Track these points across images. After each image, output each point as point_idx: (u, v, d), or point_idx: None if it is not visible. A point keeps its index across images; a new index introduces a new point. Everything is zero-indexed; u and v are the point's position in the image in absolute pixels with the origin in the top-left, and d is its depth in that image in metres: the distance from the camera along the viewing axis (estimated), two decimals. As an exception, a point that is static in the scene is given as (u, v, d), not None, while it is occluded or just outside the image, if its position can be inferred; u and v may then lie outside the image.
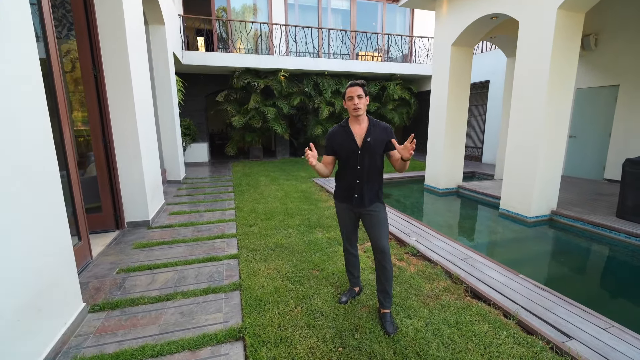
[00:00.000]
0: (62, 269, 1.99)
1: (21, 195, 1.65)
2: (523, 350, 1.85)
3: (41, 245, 1.80)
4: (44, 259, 1.81)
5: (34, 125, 1.80)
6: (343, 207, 2.19)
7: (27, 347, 1.62)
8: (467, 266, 2.92)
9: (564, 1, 3.91)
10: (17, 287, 1.58)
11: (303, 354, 1.81)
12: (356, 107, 1.97)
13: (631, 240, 3.74)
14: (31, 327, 1.66)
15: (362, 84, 1.98)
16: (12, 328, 1.51)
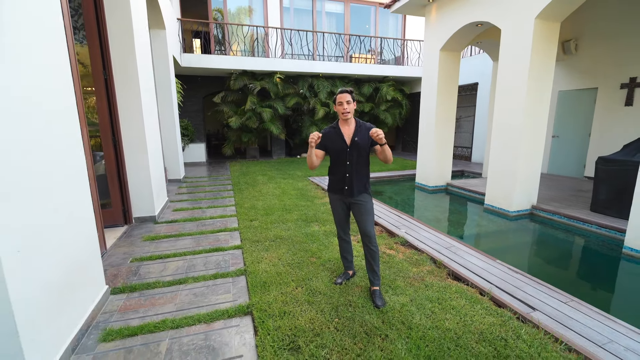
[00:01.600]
0: (89, 254, 2.24)
1: (60, 187, 1.91)
2: (493, 320, 2.16)
3: (74, 231, 2.05)
4: (76, 244, 2.07)
5: (67, 129, 2.05)
6: (335, 197, 2.48)
7: (66, 319, 1.87)
8: (451, 253, 3.23)
9: (541, 12, 4.25)
10: (59, 267, 1.83)
11: (304, 324, 2.09)
12: (345, 112, 2.28)
13: (601, 231, 4.09)
14: (69, 301, 1.92)
15: (350, 91, 2.29)
16: (53, 300, 1.76)
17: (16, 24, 1.59)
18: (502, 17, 4.79)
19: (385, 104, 11.33)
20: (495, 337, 1.98)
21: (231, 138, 10.67)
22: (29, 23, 1.71)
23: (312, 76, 10.76)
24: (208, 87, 11.00)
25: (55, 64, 1.96)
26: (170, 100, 6.80)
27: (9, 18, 1.54)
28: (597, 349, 1.90)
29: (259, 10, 10.86)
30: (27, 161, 1.60)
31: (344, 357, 1.81)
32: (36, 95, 1.73)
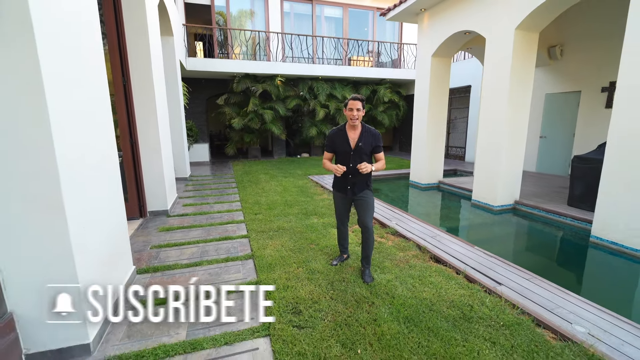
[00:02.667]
0: (122, 236, 2.64)
1: (105, 180, 2.31)
2: (464, 292, 2.56)
3: (113, 217, 2.45)
4: (114, 226, 2.47)
5: (109, 135, 2.45)
6: (339, 195, 2.81)
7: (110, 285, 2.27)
8: (435, 241, 3.63)
9: (520, 23, 4.65)
10: (105, 243, 2.23)
11: (304, 295, 2.49)
12: (354, 118, 2.56)
13: (574, 222, 4.49)
14: (111, 272, 2.32)
15: (362, 99, 2.56)
16: (103, 270, 2.15)
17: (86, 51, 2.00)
18: (487, 27, 5.20)
19: (382, 106, 11.74)
20: (463, 304, 2.37)
21: (234, 138, 11.08)
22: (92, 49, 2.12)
23: (312, 79, 11.16)
24: (211, 89, 11.40)
25: (101, 82, 2.36)
26: (177, 103, 7.20)
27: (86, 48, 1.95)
28: (545, 312, 2.29)
29: (261, 15, 11.27)
30: (90, 161, 2.01)
31: (337, 318, 2.21)
32: (93, 109, 2.14)
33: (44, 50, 1.62)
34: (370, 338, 2.00)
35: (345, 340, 1.98)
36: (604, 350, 1.93)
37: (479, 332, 2.06)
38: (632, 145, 3.48)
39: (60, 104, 1.75)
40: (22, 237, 1.68)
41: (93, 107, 2.21)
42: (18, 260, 1.70)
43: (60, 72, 1.78)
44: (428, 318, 2.20)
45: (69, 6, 1.95)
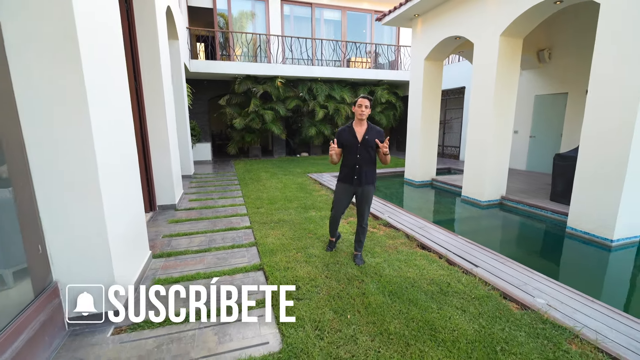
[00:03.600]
0: (141, 223, 2.98)
1: (129, 174, 2.65)
2: (443, 272, 2.89)
3: (134, 205, 2.79)
4: (134, 213, 2.80)
5: (131, 137, 2.78)
6: (344, 187, 3.06)
7: (131, 265, 2.60)
8: (422, 231, 3.97)
9: (504, 30, 4.99)
10: (129, 227, 2.57)
11: (303, 275, 2.82)
12: (362, 114, 2.88)
13: (554, 216, 4.83)
14: (133, 253, 2.65)
15: (370, 99, 2.88)
16: (127, 249, 2.49)
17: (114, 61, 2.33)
18: (474, 33, 5.54)
19: (380, 106, 12.08)
20: (441, 282, 2.71)
21: (235, 138, 11.41)
22: (118, 58, 2.45)
23: (311, 80, 11.50)
24: (214, 90, 11.74)
25: (125, 89, 2.70)
26: (182, 104, 7.53)
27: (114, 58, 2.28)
28: (513, 288, 2.63)
29: (261, 17, 11.62)
30: (118, 158, 2.34)
31: (330, 292, 2.54)
32: (121, 117, 2.48)
33: (86, 61, 1.96)
34: (359, 307, 2.34)
35: (337, 308, 2.32)
36: (558, 316, 2.26)
37: (452, 303, 2.40)
38: (601, 145, 3.82)
39: (98, 110, 2.08)
40: (67, 218, 2.02)
41: (119, 111, 2.54)
42: (63, 237, 2.03)
43: (97, 80, 2.11)
44: (410, 292, 2.54)
45: (99, 17, 2.28)
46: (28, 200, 1.91)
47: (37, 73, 1.84)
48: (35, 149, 1.91)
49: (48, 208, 1.98)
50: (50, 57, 1.85)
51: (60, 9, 1.83)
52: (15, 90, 1.82)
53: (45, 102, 1.88)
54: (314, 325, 2.12)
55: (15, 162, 1.84)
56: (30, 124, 1.87)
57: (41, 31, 1.82)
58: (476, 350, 1.90)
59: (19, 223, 1.85)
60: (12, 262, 1.85)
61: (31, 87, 1.85)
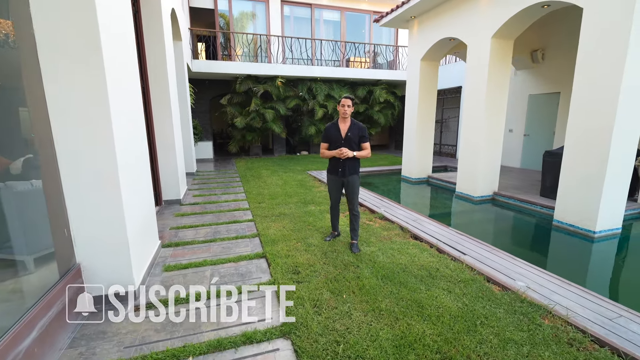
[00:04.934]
0: (151, 214, 3.19)
1: (142, 169, 2.86)
2: (433, 259, 3.11)
3: (146, 195, 3.00)
4: (147, 203, 3.02)
5: (143, 135, 3.00)
6: (333, 178, 3.37)
7: (144, 251, 2.82)
8: (416, 224, 4.18)
9: (496, 32, 5.21)
10: (142, 214, 2.79)
11: (302, 261, 3.04)
12: (345, 112, 3.17)
13: (542, 210, 5.05)
14: (146, 240, 2.87)
15: (352, 99, 3.18)
16: (142, 231, 2.70)
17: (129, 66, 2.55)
18: (467, 34, 5.75)
19: (378, 105, 12.29)
20: (431, 267, 2.93)
21: (236, 137, 11.63)
22: (132, 64, 2.67)
23: (311, 80, 11.71)
24: (215, 89, 11.95)
25: (138, 90, 2.91)
26: (185, 103, 7.74)
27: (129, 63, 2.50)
28: (497, 273, 2.85)
29: (262, 18, 11.82)
30: (132, 153, 2.56)
31: (328, 276, 2.76)
32: (135, 117, 2.69)
33: (108, 68, 2.17)
34: (354, 288, 2.56)
35: (334, 289, 2.54)
36: (536, 297, 2.48)
37: (439, 285, 2.62)
38: (584, 142, 4.04)
39: (117, 110, 2.30)
40: (90, 204, 2.23)
41: (134, 112, 2.75)
42: (85, 222, 2.25)
43: (116, 84, 2.32)
44: (401, 276, 2.76)
45: (117, 29, 2.50)
46: (56, 189, 2.12)
47: (66, 78, 2.06)
48: (63, 144, 2.12)
49: (73, 197, 2.19)
50: (78, 64, 2.07)
51: (86, 22, 2.04)
52: (47, 94, 2.04)
53: (72, 104, 2.10)
54: (313, 304, 2.34)
55: (45, 155, 2.05)
56: (58, 123, 2.09)
57: (69, 42, 2.03)
58: (458, 323, 2.12)
59: (47, 209, 2.07)
60: (41, 245, 2.06)
61: (60, 91, 2.06)
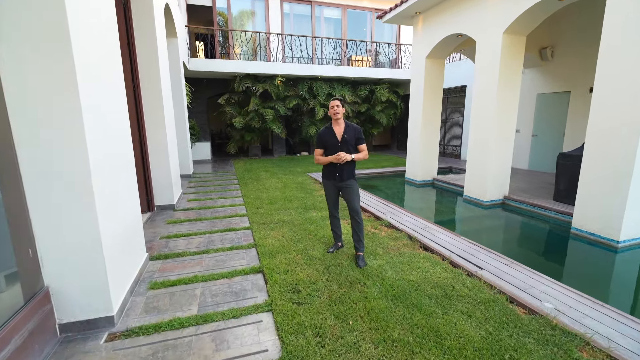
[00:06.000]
0: (137, 224, 2.90)
1: (125, 175, 2.57)
2: (447, 275, 2.82)
3: (130, 205, 2.71)
4: (131, 214, 2.73)
5: (124, 129, 2.71)
6: (329, 183, 3.13)
7: (127, 265, 2.53)
8: (425, 232, 3.89)
9: (507, 27, 4.91)
10: (124, 226, 2.49)
11: (303, 277, 2.75)
12: (336, 113, 2.96)
13: (558, 216, 4.76)
14: (130, 253, 2.58)
15: (339, 99, 2.97)
16: (122, 248, 2.41)
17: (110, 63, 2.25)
18: (477, 30, 5.45)
19: (380, 105, 11.99)
20: (446, 285, 2.64)
21: (235, 137, 11.33)
22: (114, 61, 2.37)
23: (311, 79, 11.41)
24: (213, 89, 11.65)
25: (121, 88, 2.62)
26: (181, 103, 7.45)
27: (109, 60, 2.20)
28: (519, 292, 2.56)
29: (261, 15, 11.52)
30: (113, 159, 2.26)
31: (331, 296, 2.47)
32: (116, 115, 2.39)
33: (78, 57, 1.88)
34: (361, 312, 2.26)
35: (339, 313, 2.25)
36: (566, 321, 2.19)
37: (457, 307, 2.33)
38: (607, 142, 3.74)
39: (90, 107, 2.01)
40: (59, 220, 1.94)
41: (114, 109, 2.46)
42: (55, 240, 1.96)
43: (89, 76, 2.03)
44: (413, 296, 2.46)
45: (92, 15, 2.21)
46: (17, 201, 1.83)
47: (27, 70, 1.77)
48: (25, 148, 1.83)
49: (39, 210, 1.90)
50: (41, 53, 1.77)
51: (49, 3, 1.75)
52: (4, 87, 1.74)
53: (36, 100, 1.81)
54: (315, 332, 2.05)
55: (3, 161, 1.76)
56: (19, 123, 1.80)
57: (32, 26, 1.74)
58: (484, 359, 1.83)
59: (8, 225, 1.78)
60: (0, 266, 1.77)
61: (21, 84, 1.77)
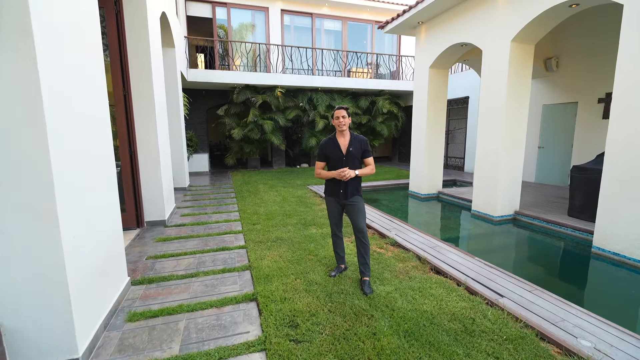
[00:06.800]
0: (117, 248, 2.60)
1: (102, 192, 2.29)
2: (465, 304, 2.50)
3: (109, 227, 2.42)
4: (109, 237, 2.43)
5: (108, 150, 2.44)
6: (332, 200, 2.85)
7: (100, 298, 2.21)
8: (435, 252, 3.58)
9: (516, 35, 4.73)
10: (98, 254, 2.19)
11: (302, 307, 2.43)
12: (341, 124, 2.69)
13: (575, 233, 4.45)
14: (103, 283, 2.26)
15: (346, 108, 2.72)
16: (93, 279, 2.11)
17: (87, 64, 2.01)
18: (483, 39, 5.28)
19: (381, 117, 11.82)
20: (465, 317, 2.32)
21: (233, 149, 11.10)
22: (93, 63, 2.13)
23: (312, 90, 11.28)
24: (212, 100, 11.50)
25: (101, 94, 2.37)
26: (178, 114, 7.24)
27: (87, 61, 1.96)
28: (550, 326, 2.24)
29: (261, 27, 11.48)
30: (87, 173, 1.99)
31: (335, 331, 2.15)
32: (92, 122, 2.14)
33: (45, 57, 1.63)
34: (370, 353, 1.94)
35: (343, 355, 1.92)
36: (611, 365, 1.87)
37: (481, 347, 2.00)
38: (630, 153, 3.48)
39: (58, 115, 1.74)
40: (13, 247, 1.65)
41: (90, 114, 2.20)
42: (8, 272, 1.66)
43: (59, 84, 1.78)
44: (429, 332, 2.14)
45: (70, 18, 1.97)
46: (-37, 226, 1.55)
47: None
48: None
49: (-11, 235, 1.61)
50: None
51: None
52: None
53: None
54: (316, 380, 1.73)
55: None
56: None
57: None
58: (521, 418, 1.50)
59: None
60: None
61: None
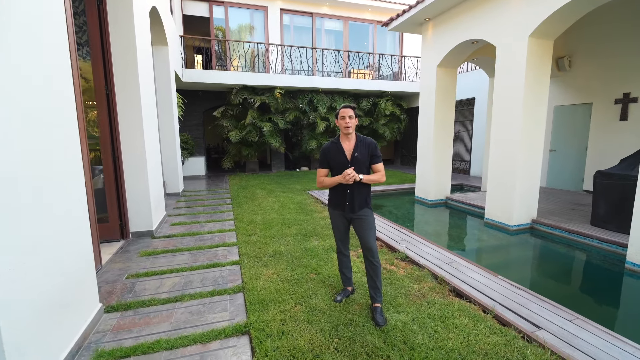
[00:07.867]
0: (84, 271, 2.20)
1: (57, 200, 1.89)
2: (497, 339, 2.10)
3: (69, 247, 2.02)
4: (71, 260, 2.03)
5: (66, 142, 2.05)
6: (336, 213, 2.46)
7: (55, 339, 1.81)
8: (452, 269, 3.18)
9: (534, 30, 4.36)
10: (52, 284, 1.79)
11: (303, 344, 2.03)
12: (347, 126, 2.30)
13: (602, 245, 4.06)
14: (59, 320, 1.86)
15: (353, 107, 2.32)
16: (43, 319, 1.70)
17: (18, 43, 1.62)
18: (497, 35, 4.91)
19: (383, 119, 11.46)
20: (500, 357, 1.92)
21: (231, 152, 10.71)
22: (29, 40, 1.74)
23: (312, 91, 10.92)
24: (209, 101, 11.12)
25: (57, 79, 1.97)
26: (170, 115, 6.85)
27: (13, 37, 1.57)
28: (605, 370, 1.84)
29: (260, 27, 11.13)
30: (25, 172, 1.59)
31: (344, 379, 1.75)
32: (36, 109, 1.73)
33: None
34: (389, 412, 1.54)
35: (356, 416, 1.52)
36: None
37: (527, 402, 1.61)
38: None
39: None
40: None
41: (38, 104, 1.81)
42: None
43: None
44: (459, 379, 1.74)
45: None
46: None
47: None
48: None
49: None
50: None
51: None
52: None
53: None
54: None
55: None
56: None
57: None
58: None
59: None
60: None
61: None
